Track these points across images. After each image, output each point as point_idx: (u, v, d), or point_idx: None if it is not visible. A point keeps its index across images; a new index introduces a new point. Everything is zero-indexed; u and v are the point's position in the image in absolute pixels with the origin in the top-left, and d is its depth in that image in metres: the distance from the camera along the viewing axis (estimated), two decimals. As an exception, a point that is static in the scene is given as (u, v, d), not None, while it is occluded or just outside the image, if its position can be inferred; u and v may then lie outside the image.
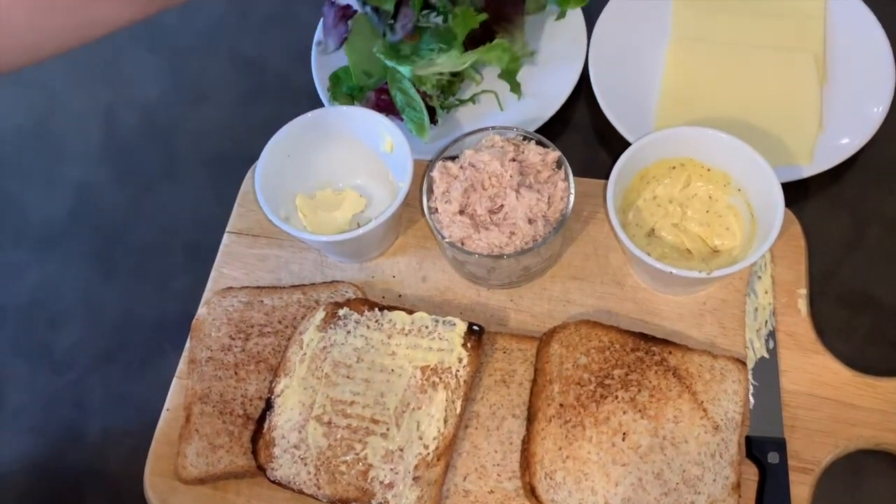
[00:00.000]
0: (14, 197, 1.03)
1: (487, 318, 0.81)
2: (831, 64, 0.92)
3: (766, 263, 0.79)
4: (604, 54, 0.95)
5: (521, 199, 0.75)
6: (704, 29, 0.95)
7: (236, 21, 1.13)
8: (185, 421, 0.78)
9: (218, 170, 1.00)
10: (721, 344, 0.77)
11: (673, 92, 0.92)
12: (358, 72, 0.96)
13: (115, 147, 1.05)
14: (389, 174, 0.86)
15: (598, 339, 0.74)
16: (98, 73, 1.12)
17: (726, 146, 0.76)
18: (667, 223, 0.79)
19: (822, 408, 0.73)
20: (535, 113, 0.93)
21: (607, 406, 0.70)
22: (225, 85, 1.07)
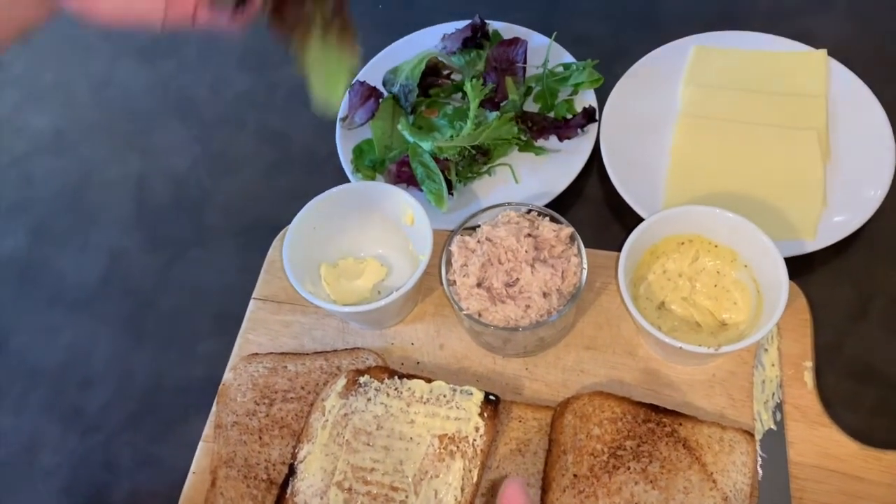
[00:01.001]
0: (50, 261, 1.07)
1: (503, 386, 0.84)
2: (834, 141, 0.96)
3: (773, 336, 0.82)
4: (614, 129, 0.99)
5: (536, 273, 0.78)
6: (712, 106, 0.99)
7: (263, 95, 1.18)
8: (211, 485, 0.81)
9: (245, 238, 1.04)
10: (730, 415, 0.80)
11: (681, 167, 0.95)
12: (381, 146, 1.01)
13: (146, 215, 1.10)
14: (410, 244, 0.90)
15: (610, 410, 0.76)
16: (131, 143, 1.17)
17: (732, 225, 0.79)
18: (676, 296, 0.82)
19: (830, 480, 0.75)
20: (548, 186, 0.97)
21: (619, 477, 0.73)
22: (252, 156, 1.12)
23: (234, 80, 1.20)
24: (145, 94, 1.22)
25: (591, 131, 1.00)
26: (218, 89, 1.20)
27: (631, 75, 1.03)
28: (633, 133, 0.99)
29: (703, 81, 1.02)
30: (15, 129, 1.21)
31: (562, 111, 1.02)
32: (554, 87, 1.02)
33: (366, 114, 1.04)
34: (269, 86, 1.19)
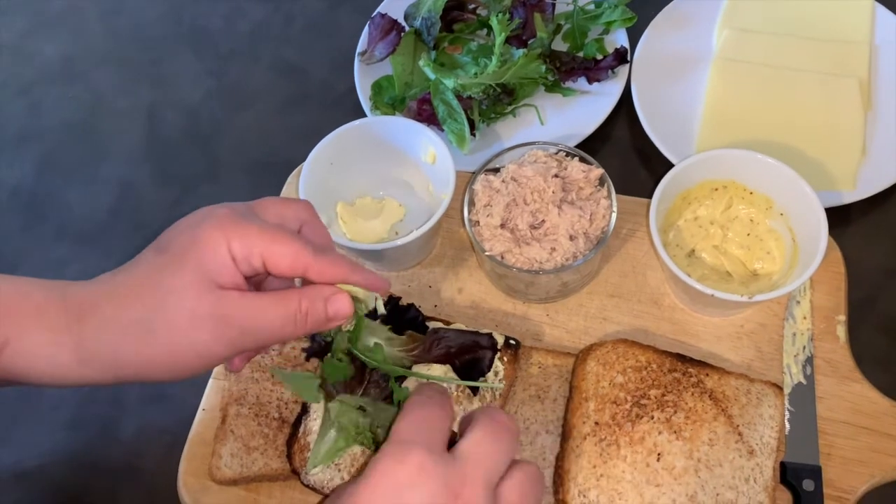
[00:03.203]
0: (57, 192, 1.05)
1: (523, 332, 0.82)
2: (875, 90, 0.92)
3: (806, 289, 0.79)
4: (647, 72, 0.95)
5: (563, 215, 0.75)
6: (748, 50, 0.95)
7: (280, 27, 1.14)
8: (221, 422, 0.79)
9: (258, 174, 1.01)
10: (758, 368, 0.77)
11: (716, 112, 0.91)
12: (401, 82, 0.97)
13: (157, 148, 1.06)
14: (429, 184, 0.87)
15: (635, 359, 0.74)
16: (142, 73, 1.13)
17: (770, 170, 0.76)
18: (707, 245, 0.79)
19: (859, 437, 0.73)
20: (575, 129, 0.93)
21: (643, 426, 0.70)
22: (267, 90, 1.09)
23: (250, 10, 1.16)
24: (157, 23, 1.18)
25: (621, 73, 0.95)
26: (232, 20, 1.16)
27: (666, 15, 0.99)
28: (666, 76, 0.95)
29: (740, 24, 0.97)
30: (23, 57, 1.18)
31: (592, 51, 0.97)
32: (584, 25, 0.98)
33: (386, 48, 1.00)
34: (285, 17, 1.15)
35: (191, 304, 0.52)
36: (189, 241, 0.54)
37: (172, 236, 0.55)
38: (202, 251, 0.53)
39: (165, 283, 0.53)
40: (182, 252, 0.53)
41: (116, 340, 0.53)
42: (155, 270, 0.54)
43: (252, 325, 0.54)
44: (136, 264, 0.56)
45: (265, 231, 0.54)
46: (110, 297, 0.54)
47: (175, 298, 0.52)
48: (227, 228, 0.53)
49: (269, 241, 0.54)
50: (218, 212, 0.55)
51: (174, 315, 0.52)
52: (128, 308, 0.53)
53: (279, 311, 0.54)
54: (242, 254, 0.53)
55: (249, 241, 0.53)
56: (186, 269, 0.53)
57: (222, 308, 0.53)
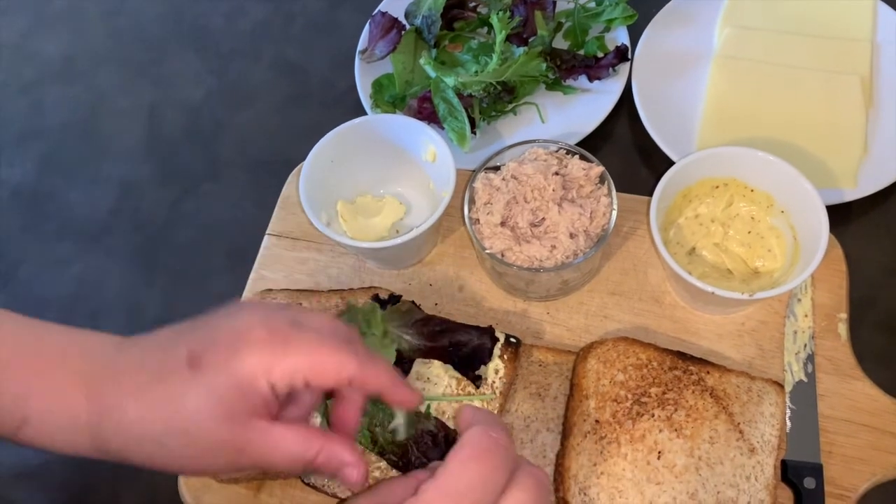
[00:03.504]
0: (59, 191, 1.05)
1: (523, 329, 0.82)
2: (878, 88, 0.91)
3: (807, 287, 0.79)
4: (647, 69, 0.95)
5: (564, 213, 0.75)
6: (749, 48, 0.95)
7: (280, 26, 1.14)
8: (222, 420, 0.79)
9: (259, 173, 1.01)
10: (759, 366, 0.77)
11: (716, 110, 0.91)
12: (401, 81, 0.97)
13: (158, 147, 1.06)
14: (430, 182, 0.87)
15: (635, 357, 0.74)
16: (143, 72, 1.13)
17: (771, 168, 0.76)
18: (708, 242, 0.79)
19: (860, 434, 0.73)
20: (575, 127, 0.93)
21: (643, 424, 0.70)
22: (267, 89, 1.09)
23: (251, 9, 1.16)
24: (158, 22, 1.18)
25: (622, 71, 0.95)
26: (233, 18, 1.16)
27: (666, 13, 0.98)
28: (667, 74, 0.95)
29: (741, 21, 0.97)
30: (24, 56, 1.18)
31: (592, 49, 0.97)
32: (585, 22, 0.98)
33: (386, 46, 1.00)
34: (286, 16, 1.15)
35: (208, 435, 0.51)
36: (226, 363, 0.51)
37: (210, 344, 0.53)
38: (238, 379, 0.51)
39: (193, 404, 0.51)
40: (218, 374, 0.51)
41: (131, 445, 0.53)
42: (184, 386, 0.51)
43: (264, 460, 0.53)
44: (168, 368, 0.52)
45: (310, 349, 0.52)
46: (137, 401, 0.52)
47: (195, 427, 0.51)
48: (269, 354, 0.51)
49: (313, 359, 0.52)
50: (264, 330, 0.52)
51: (190, 441, 0.51)
52: (152, 422, 0.52)
53: (295, 454, 0.53)
54: (284, 381, 0.52)
55: (293, 365, 0.51)
56: (218, 395, 0.51)
57: (243, 439, 0.52)
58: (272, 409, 0.53)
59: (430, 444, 0.68)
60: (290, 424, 0.54)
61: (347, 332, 0.57)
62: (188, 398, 0.51)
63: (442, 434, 0.69)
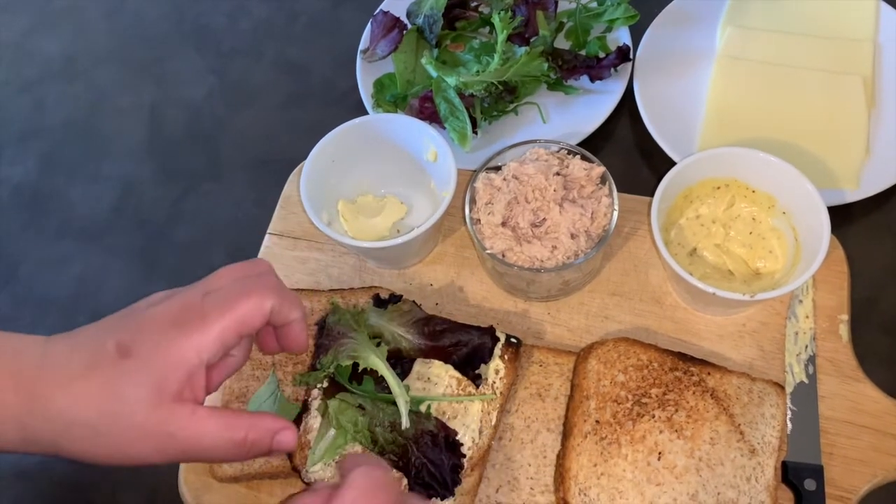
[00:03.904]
0: (60, 190, 1.05)
1: (524, 330, 0.82)
2: (880, 88, 0.91)
3: (808, 288, 0.79)
4: (649, 70, 0.95)
5: (565, 213, 0.75)
6: (752, 48, 0.95)
7: (282, 25, 1.14)
8: (222, 419, 0.79)
9: (260, 172, 1.01)
10: (760, 367, 0.77)
11: (718, 111, 0.91)
12: (403, 80, 0.97)
13: (159, 145, 1.06)
14: (431, 182, 0.87)
15: (636, 357, 0.74)
16: (145, 71, 1.13)
17: (773, 168, 0.76)
18: (709, 243, 0.79)
19: (861, 436, 0.73)
20: (577, 127, 0.93)
21: (644, 425, 0.70)
22: (269, 88, 1.09)
23: (252, 8, 1.16)
24: (160, 21, 1.18)
25: (624, 71, 0.95)
26: (235, 17, 1.16)
27: (668, 13, 0.98)
28: (669, 74, 0.95)
29: (743, 22, 0.97)
30: (26, 55, 1.18)
31: (594, 49, 0.97)
32: (587, 22, 0.97)
33: (388, 46, 0.99)
34: (288, 15, 1.15)
35: (140, 420, 0.53)
36: (155, 348, 0.54)
37: (137, 333, 0.55)
38: (168, 361, 0.53)
39: (123, 391, 0.53)
40: (146, 359, 0.53)
41: (62, 434, 0.53)
42: (115, 374, 0.53)
43: (194, 447, 0.55)
44: (97, 358, 0.54)
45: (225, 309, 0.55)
46: (66, 390, 0.53)
47: (128, 411, 0.53)
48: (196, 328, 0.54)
49: (233, 316, 0.55)
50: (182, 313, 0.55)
51: (125, 427, 0.53)
52: (82, 409, 0.53)
53: (224, 437, 0.55)
54: (215, 347, 0.54)
55: (218, 331, 0.54)
56: (147, 380, 0.53)
57: (170, 426, 0.53)
58: (200, 385, 0.55)
59: (430, 444, 0.68)
60: (214, 410, 0.56)
61: (255, 267, 0.61)
62: (119, 384, 0.53)
63: (442, 434, 0.69)
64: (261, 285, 0.58)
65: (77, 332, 0.57)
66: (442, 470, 0.68)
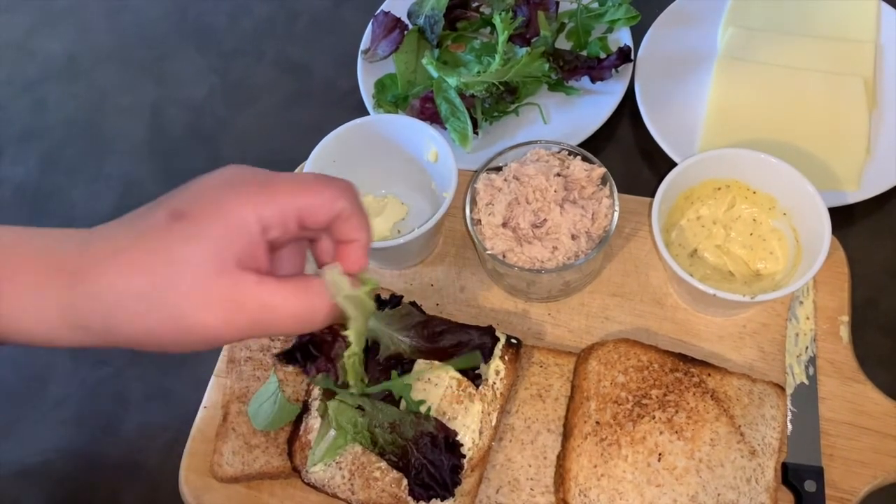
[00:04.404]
0: (61, 190, 1.05)
1: (525, 331, 0.82)
2: (881, 89, 0.91)
3: (809, 289, 0.79)
4: (650, 70, 0.95)
5: (565, 214, 0.75)
6: (753, 49, 0.94)
7: (284, 24, 1.14)
8: (223, 419, 0.79)
9: (261, 171, 1.01)
10: (760, 368, 0.77)
11: (719, 112, 0.91)
12: (404, 80, 0.97)
13: (160, 145, 1.07)
14: (431, 183, 0.87)
15: (636, 359, 0.74)
16: (146, 71, 1.14)
17: (774, 170, 0.76)
18: (710, 244, 0.79)
19: (862, 438, 0.73)
20: (578, 127, 0.93)
21: (644, 426, 0.70)
22: (270, 88, 1.09)
23: (254, 7, 1.16)
24: (161, 21, 1.18)
25: (625, 72, 0.95)
26: (237, 17, 1.16)
27: (669, 14, 0.98)
28: (670, 75, 0.95)
29: (744, 22, 0.97)
30: (28, 54, 1.18)
31: (595, 50, 0.97)
32: (588, 23, 0.97)
33: (389, 46, 1.00)
34: (289, 15, 1.15)
35: (204, 284, 0.47)
36: (213, 209, 0.48)
37: (192, 198, 0.49)
38: (227, 223, 0.48)
39: (179, 254, 0.47)
40: (203, 220, 0.48)
41: (113, 310, 0.48)
42: (168, 238, 0.47)
43: (266, 317, 0.49)
44: (146, 225, 0.49)
45: (298, 187, 0.50)
46: (112, 262, 0.48)
47: (189, 275, 0.47)
48: (256, 193, 0.48)
49: (303, 195, 0.50)
50: (244, 175, 0.50)
51: (184, 293, 0.47)
52: (132, 277, 0.47)
53: (296, 305, 0.50)
54: (276, 221, 0.49)
55: (284, 203, 0.49)
56: (206, 242, 0.47)
57: (236, 294, 0.48)
58: (263, 260, 0.49)
59: (430, 445, 0.68)
60: (283, 278, 0.50)
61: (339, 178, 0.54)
62: (174, 248, 0.47)
63: (442, 435, 0.69)
64: (339, 185, 0.52)
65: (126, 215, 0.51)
66: (442, 471, 0.68)
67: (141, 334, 0.48)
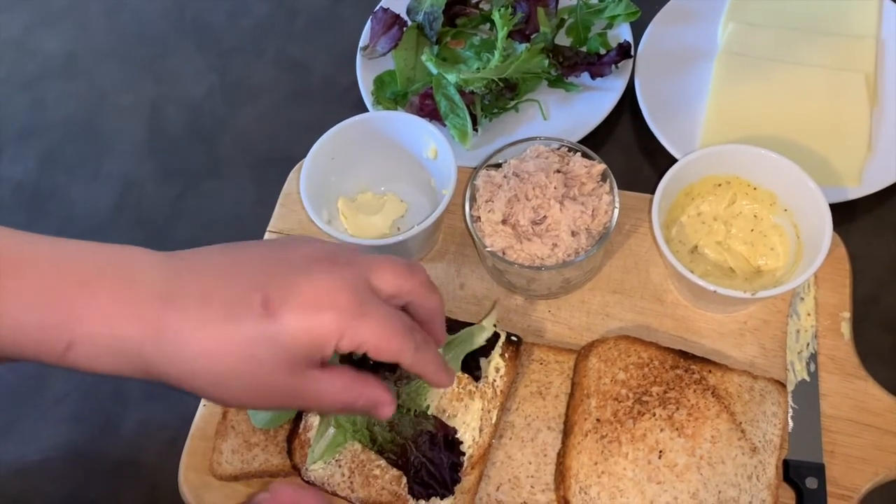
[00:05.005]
0: (60, 188, 1.05)
1: (525, 328, 0.81)
2: (882, 85, 0.91)
3: (810, 285, 0.79)
4: (650, 67, 0.94)
5: (565, 210, 0.75)
6: (754, 45, 0.94)
7: (283, 22, 1.14)
8: (222, 417, 0.79)
9: (260, 170, 1.01)
10: (761, 365, 0.77)
11: (720, 108, 0.91)
12: (403, 77, 0.97)
13: (159, 143, 1.06)
14: (431, 180, 0.86)
15: (637, 355, 0.73)
16: (145, 69, 1.13)
17: (775, 166, 0.75)
18: (710, 241, 0.79)
19: (863, 434, 0.72)
20: (578, 124, 0.93)
21: (644, 423, 0.70)
22: (269, 86, 1.09)
23: (253, 5, 1.16)
24: (160, 18, 1.18)
25: (625, 68, 0.95)
26: (235, 15, 1.15)
27: (670, 9, 0.98)
28: (670, 71, 0.95)
29: (745, 18, 0.97)
30: (26, 52, 1.18)
31: (595, 46, 0.96)
32: (588, 19, 0.97)
33: (388, 43, 0.99)
34: (288, 12, 1.14)
35: (274, 381, 0.52)
36: (304, 321, 0.51)
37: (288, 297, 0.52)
38: (312, 335, 0.52)
39: (259, 356, 0.51)
40: (292, 326, 0.51)
41: (185, 377, 0.51)
42: (255, 336, 0.51)
43: (312, 404, 0.57)
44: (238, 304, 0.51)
45: (381, 328, 0.54)
46: (199, 334, 0.50)
47: (261, 374, 0.52)
48: (346, 323, 0.52)
49: (381, 338, 0.54)
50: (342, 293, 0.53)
51: (251, 385, 0.52)
52: (211, 362, 0.51)
53: (343, 398, 0.56)
54: (348, 347, 0.53)
55: (363, 338, 0.53)
56: (287, 346, 0.51)
57: (298, 389, 0.54)
58: (327, 356, 0.54)
59: (429, 443, 0.68)
60: (336, 373, 0.56)
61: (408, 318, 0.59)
62: (259, 347, 0.51)
63: (441, 433, 0.68)
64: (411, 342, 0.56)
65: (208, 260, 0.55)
66: (441, 469, 0.68)
67: (205, 396, 0.56)
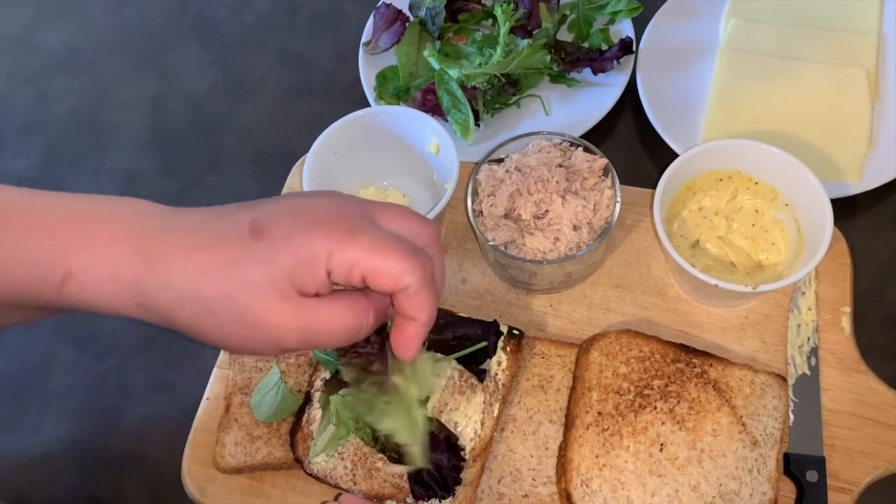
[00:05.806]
0: (63, 183, 1.05)
1: (526, 322, 0.82)
2: (883, 80, 0.91)
3: (811, 280, 0.79)
4: (652, 62, 0.95)
5: (567, 205, 0.75)
6: (755, 40, 0.94)
7: (285, 17, 1.14)
8: (225, 411, 0.79)
9: (262, 165, 1.01)
10: (762, 359, 0.77)
11: (721, 103, 0.91)
12: (405, 73, 0.97)
13: (162, 138, 1.07)
14: (433, 175, 0.87)
15: (638, 349, 0.74)
16: (148, 64, 1.14)
17: (776, 160, 0.75)
18: (712, 235, 0.79)
19: (863, 428, 0.73)
20: (579, 119, 0.93)
21: (646, 416, 0.70)
22: (272, 81, 1.09)
23: (255, 1, 1.16)
24: (163, 14, 1.18)
25: (626, 63, 0.95)
26: (238, 10, 1.16)
27: (671, 5, 0.98)
28: (672, 67, 0.95)
29: (747, 14, 0.97)
30: (29, 47, 1.18)
31: (597, 41, 0.97)
32: (590, 15, 0.97)
33: (391, 38, 0.99)
34: (290, 7, 1.15)
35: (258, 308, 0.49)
36: (290, 237, 0.50)
37: (276, 217, 0.51)
38: (298, 256, 0.49)
39: (246, 273, 0.49)
40: (278, 246, 0.49)
41: (177, 304, 0.50)
42: (242, 254, 0.49)
43: (316, 339, 0.51)
44: (227, 232, 0.51)
45: (376, 247, 0.50)
46: (186, 259, 0.50)
47: (245, 296, 0.49)
48: (335, 240, 0.49)
49: (377, 257, 0.50)
50: (332, 214, 0.51)
51: (238, 311, 0.49)
52: (201, 282, 0.49)
53: (351, 319, 0.51)
54: (341, 270, 0.50)
55: (355, 257, 0.50)
56: (274, 270, 0.49)
57: (293, 320, 0.50)
58: (322, 288, 0.51)
59: (430, 445, 0.68)
60: (334, 295, 0.52)
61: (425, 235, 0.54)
62: (244, 266, 0.49)
63: (442, 435, 0.69)
64: (416, 261, 0.51)
65: (209, 207, 0.54)
66: (442, 470, 0.68)
67: (199, 336, 0.52)
